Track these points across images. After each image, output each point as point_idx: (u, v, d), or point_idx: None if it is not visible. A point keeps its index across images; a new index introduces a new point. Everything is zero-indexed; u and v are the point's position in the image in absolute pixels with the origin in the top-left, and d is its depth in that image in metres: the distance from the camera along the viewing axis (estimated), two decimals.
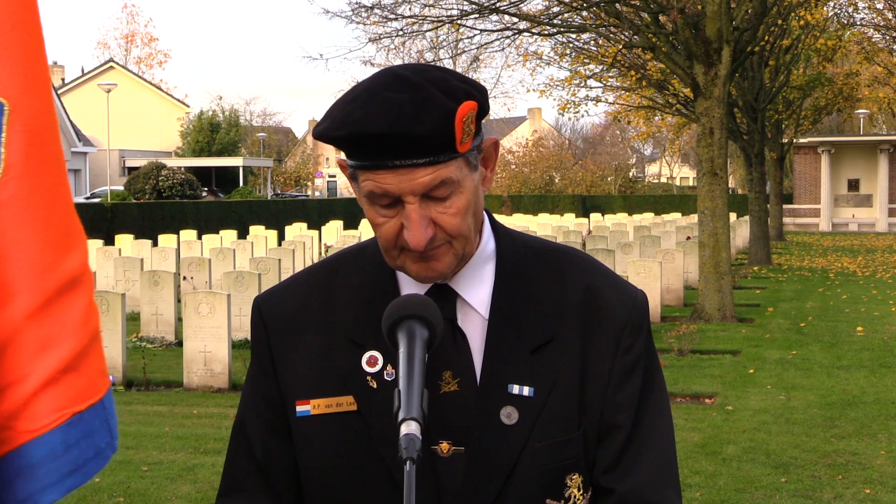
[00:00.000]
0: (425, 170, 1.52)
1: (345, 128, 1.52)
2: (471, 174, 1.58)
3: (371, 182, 1.54)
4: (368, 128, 1.49)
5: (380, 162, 1.52)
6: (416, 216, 1.54)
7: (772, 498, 6.83)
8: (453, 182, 1.55)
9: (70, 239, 1.49)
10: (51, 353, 1.44)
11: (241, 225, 34.77)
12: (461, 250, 1.61)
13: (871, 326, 14.76)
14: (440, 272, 1.60)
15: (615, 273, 1.76)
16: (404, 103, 1.50)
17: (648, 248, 20.43)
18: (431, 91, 1.51)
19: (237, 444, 1.74)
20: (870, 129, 59.20)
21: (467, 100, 1.52)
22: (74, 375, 1.47)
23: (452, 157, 1.54)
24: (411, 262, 1.59)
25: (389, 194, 1.54)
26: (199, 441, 8.26)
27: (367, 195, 1.57)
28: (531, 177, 62.75)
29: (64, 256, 1.47)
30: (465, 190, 1.57)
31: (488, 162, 1.65)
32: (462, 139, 1.53)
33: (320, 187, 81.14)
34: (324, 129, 1.55)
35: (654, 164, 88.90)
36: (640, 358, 1.68)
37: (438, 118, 1.50)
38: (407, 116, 1.49)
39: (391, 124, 1.48)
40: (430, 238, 1.55)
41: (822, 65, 29.50)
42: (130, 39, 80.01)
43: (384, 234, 1.58)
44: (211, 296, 10.62)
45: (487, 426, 1.61)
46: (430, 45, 28.22)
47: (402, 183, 1.52)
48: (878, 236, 43.22)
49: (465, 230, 1.59)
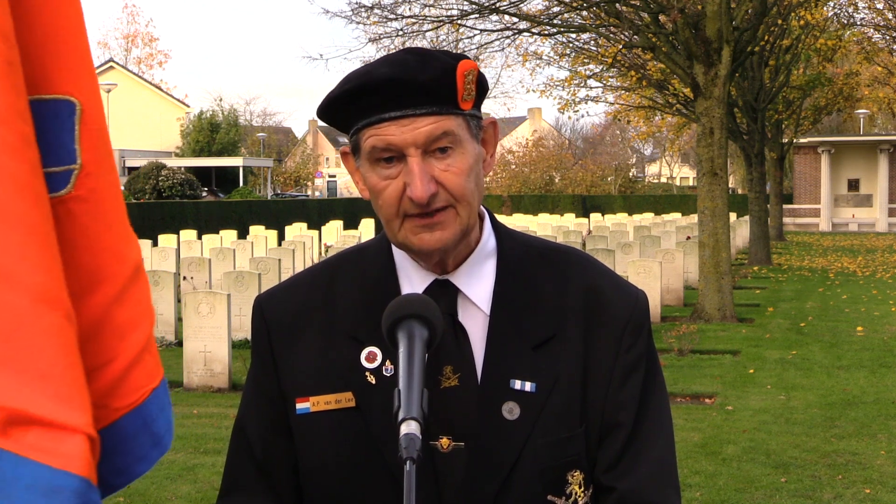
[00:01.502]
0: (427, 119, 1.55)
1: (350, 82, 1.58)
2: (472, 140, 1.61)
3: (374, 137, 1.57)
4: (372, 77, 1.56)
5: (383, 115, 1.56)
6: (417, 168, 1.55)
7: (772, 498, 6.83)
8: (455, 135, 1.57)
9: (129, 230, 1.59)
10: (133, 335, 1.55)
11: (241, 225, 34.78)
12: (465, 219, 1.61)
13: (871, 326, 14.76)
14: (445, 242, 1.60)
15: (616, 273, 1.76)
16: (408, 60, 1.57)
17: (648, 248, 20.44)
18: (435, 53, 1.59)
19: (238, 444, 1.74)
20: (870, 129, 59.20)
21: (468, 60, 1.59)
22: (149, 355, 1.57)
23: (454, 112, 1.57)
24: (414, 234, 1.59)
25: (392, 147, 1.56)
26: (199, 441, 8.26)
27: (369, 154, 1.59)
28: (531, 177, 62.77)
29: (129, 246, 1.58)
30: (466, 152, 1.59)
31: (488, 144, 1.67)
32: (464, 96, 1.57)
33: (320, 187, 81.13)
34: (329, 95, 1.60)
35: (654, 164, 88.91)
36: (641, 357, 1.68)
37: (441, 69, 1.56)
38: (411, 67, 1.55)
39: (396, 72, 1.55)
40: (432, 193, 1.56)
41: (822, 65, 29.48)
42: (131, 39, 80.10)
43: (387, 199, 1.58)
44: (211, 296, 10.62)
45: (489, 421, 1.61)
46: (430, 46, 28.23)
47: (405, 133, 1.55)
48: (878, 236, 43.22)
49: (469, 194, 1.59)
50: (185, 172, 48.05)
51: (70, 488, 1.35)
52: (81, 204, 1.52)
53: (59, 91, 1.52)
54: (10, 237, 1.38)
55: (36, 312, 1.37)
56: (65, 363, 1.38)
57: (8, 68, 1.40)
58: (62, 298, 1.41)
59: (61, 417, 1.36)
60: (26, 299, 1.37)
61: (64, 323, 1.40)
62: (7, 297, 1.37)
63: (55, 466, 1.35)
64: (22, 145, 1.41)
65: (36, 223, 1.40)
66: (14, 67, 1.42)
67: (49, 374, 1.37)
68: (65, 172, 1.51)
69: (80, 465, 1.36)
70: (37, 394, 1.36)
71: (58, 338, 1.38)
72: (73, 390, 1.38)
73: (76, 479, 1.36)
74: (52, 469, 1.34)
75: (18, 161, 1.40)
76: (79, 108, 1.52)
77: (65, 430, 1.36)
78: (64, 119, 1.52)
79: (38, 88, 1.49)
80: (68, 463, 1.35)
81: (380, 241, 1.72)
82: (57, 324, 1.39)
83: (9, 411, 1.34)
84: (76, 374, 1.40)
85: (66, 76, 1.52)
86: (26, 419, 1.35)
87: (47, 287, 1.39)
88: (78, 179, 1.52)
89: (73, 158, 1.52)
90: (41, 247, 1.40)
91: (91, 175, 1.53)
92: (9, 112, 1.39)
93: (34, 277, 1.38)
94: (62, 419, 1.36)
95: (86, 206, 1.52)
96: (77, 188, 1.52)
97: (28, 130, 1.43)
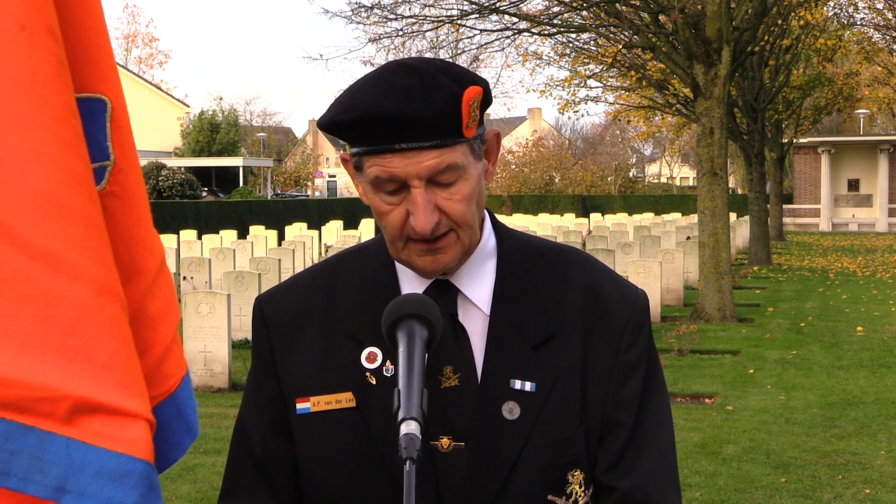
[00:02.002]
0: (431, 153, 1.53)
1: (352, 111, 1.52)
2: (475, 162, 1.59)
3: (377, 167, 1.55)
4: (377, 110, 1.50)
5: (386, 146, 1.53)
6: (421, 200, 1.54)
7: (772, 498, 6.83)
8: (459, 167, 1.55)
9: (152, 225, 1.64)
10: (164, 325, 1.60)
11: (241, 225, 34.77)
12: (467, 242, 1.61)
13: (871, 326, 14.76)
14: (446, 265, 1.60)
15: (616, 273, 1.76)
16: (412, 87, 1.51)
17: (648, 248, 20.43)
18: (438, 76, 1.53)
19: (238, 445, 1.74)
20: (870, 129, 59.20)
21: (473, 85, 1.54)
22: (176, 344, 1.63)
23: (458, 141, 1.55)
24: (417, 255, 1.59)
25: (396, 178, 1.54)
26: (199, 441, 8.21)
27: (372, 181, 1.57)
28: (531, 177, 62.75)
29: (155, 240, 1.64)
30: (469, 177, 1.58)
31: (490, 154, 1.66)
32: (468, 123, 1.54)
33: (320, 187, 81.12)
34: (331, 115, 1.56)
35: (654, 164, 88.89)
36: (641, 357, 1.68)
37: (446, 101, 1.51)
38: (415, 99, 1.50)
39: (399, 106, 1.50)
40: (435, 223, 1.55)
41: (822, 65, 29.48)
42: (131, 40, 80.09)
43: (390, 223, 1.58)
44: (211, 296, 10.62)
45: (489, 421, 1.61)
46: (430, 45, 28.21)
47: (409, 166, 1.53)
48: (878, 236, 43.21)
49: (470, 218, 1.59)
50: (185, 172, 48.05)
51: (137, 472, 1.40)
52: (115, 199, 1.56)
53: (91, 90, 1.55)
54: (71, 231, 1.42)
55: (98, 304, 1.42)
56: (124, 353, 1.43)
57: (60, 67, 1.44)
58: (118, 290, 1.46)
59: (124, 404, 1.41)
60: (89, 292, 1.41)
61: (121, 314, 1.45)
62: (71, 289, 1.41)
63: (121, 451, 1.39)
64: (77, 141, 1.44)
65: (92, 217, 1.44)
66: (64, 66, 1.45)
67: (111, 364, 1.41)
68: (100, 169, 1.55)
69: (144, 449, 1.41)
70: (101, 382, 1.40)
71: (117, 328, 1.43)
72: (132, 378, 1.43)
73: (141, 463, 1.41)
74: (118, 454, 1.39)
75: (76, 157, 1.43)
76: (109, 106, 1.57)
77: (128, 417, 1.41)
78: (97, 117, 1.55)
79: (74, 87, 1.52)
80: (133, 448, 1.40)
81: (380, 241, 1.71)
82: (116, 315, 1.43)
83: (75, 399, 1.38)
84: (134, 362, 1.45)
85: (97, 75, 1.56)
86: (92, 407, 1.39)
87: (106, 279, 1.43)
88: (111, 175, 1.57)
89: (107, 155, 1.56)
90: (98, 240, 1.44)
91: (123, 171, 1.57)
92: (63, 110, 1.43)
93: (95, 270, 1.42)
94: (125, 406, 1.41)
95: (119, 201, 1.57)
96: (111, 184, 1.56)
97: (79, 127, 1.46)
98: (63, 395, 1.38)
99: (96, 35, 1.56)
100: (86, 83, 1.54)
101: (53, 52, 1.43)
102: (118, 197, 1.57)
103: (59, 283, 1.40)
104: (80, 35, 1.54)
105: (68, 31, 1.51)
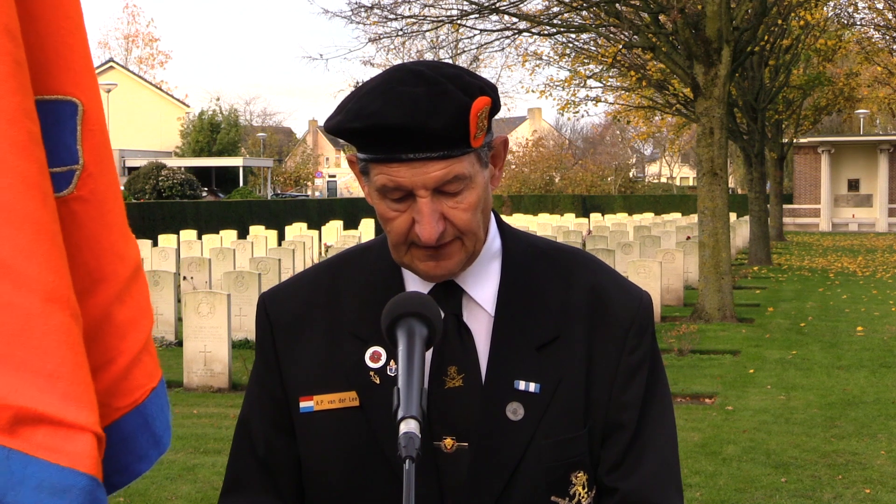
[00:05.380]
0: (438, 163, 1.52)
1: (360, 120, 1.52)
2: (482, 171, 1.59)
3: (384, 175, 1.55)
4: (384, 120, 1.50)
5: (393, 155, 1.52)
6: (427, 210, 1.54)
7: (772, 498, 6.83)
8: (465, 178, 1.55)
9: (128, 230, 1.60)
10: (133, 334, 1.56)
11: (241, 225, 34.76)
12: (471, 248, 1.61)
13: (871, 326, 14.76)
14: (449, 270, 1.60)
15: (620, 274, 1.76)
16: (420, 97, 1.50)
17: (648, 248, 20.44)
18: (447, 86, 1.52)
19: (240, 443, 1.74)
20: (870, 129, 59.19)
21: (481, 95, 1.53)
22: (147, 355, 1.59)
23: (465, 151, 1.54)
24: (420, 260, 1.60)
25: (402, 188, 1.54)
26: (199, 441, 8.26)
27: (378, 189, 1.57)
28: (531, 177, 62.73)
29: (129, 246, 1.59)
30: (476, 186, 1.57)
31: (497, 160, 1.65)
32: (476, 134, 1.54)
33: (320, 187, 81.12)
34: (338, 121, 1.55)
35: (654, 164, 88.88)
36: (645, 358, 1.68)
37: (454, 112, 1.50)
38: (423, 109, 1.49)
39: (407, 117, 1.49)
40: (440, 232, 1.55)
41: (822, 65, 29.47)
42: (131, 40, 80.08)
43: (395, 229, 1.58)
44: (211, 296, 10.62)
45: (493, 422, 1.60)
46: (430, 45, 28.22)
47: (416, 176, 1.53)
48: (878, 236, 43.20)
49: (475, 226, 1.59)
50: (185, 172, 48.02)
51: (78, 487, 1.36)
52: (83, 204, 1.53)
53: (61, 92, 1.52)
54: (19, 237, 1.38)
55: (45, 312, 1.38)
56: (72, 362, 1.39)
57: (16, 68, 1.41)
58: (69, 298, 1.41)
59: (69, 416, 1.37)
60: (36, 299, 1.38)
61: (71, 323, 1.40)
62: (17, 296, 1.37)
63: (63, 465, 1.35)
64: (30, 144, 1.41)
65: (44, 223, 1.40)
66: (21, 67, 1.42)
67: (57, 374, 1.37)
68: (67, 172, 1.52)
69: (88, 464, 1.37)
70: (45, 392, 1.36)
71: (66, 337, 1.39)
72: (80, 389, 1.39)
73: (84, 478, 1.37)
74: (60, 468, 1.35)
75: (27, 160, 1.40)
76: (80, 108, 1.53)
77: (73, 429, 1.37)
78: (66, 119, 1.52)
79: (41, 89, 1.49)
80: (76, 461, 1.36)
81: (383, 240, 1.71)
82: (65, 323, 1.39)
83: (17, 410, 1.35)
84: (83, 373, 1.41)
85: (68, 77, 1.52)
86: (35, 417, 1.36)
87: (56, 287, 1.39)
88: (80, 180, 1.53)
89: (76, 159, 1.52)
90: (49, 246, 1.40)
91: (92, 175, 1.53)
92: (17, 111, 1.39)
93: (43, 277, 1.39)
94: (70, 418, 1.37)
95: (87, 206, 1.53)
96: (79, 188, 1.53)
97: (35, 129, 1.43)
98: (5, 405, 1.35)
99: (69, 35, 1.53)
100: (55, 85, 1.52)
101: (10, 53, 1.40)
102: (87, 201, 1.53)
103: (4, 290, 1.36)
104: (49, 36, 1.51)
105: (37, 32, 1.49)
